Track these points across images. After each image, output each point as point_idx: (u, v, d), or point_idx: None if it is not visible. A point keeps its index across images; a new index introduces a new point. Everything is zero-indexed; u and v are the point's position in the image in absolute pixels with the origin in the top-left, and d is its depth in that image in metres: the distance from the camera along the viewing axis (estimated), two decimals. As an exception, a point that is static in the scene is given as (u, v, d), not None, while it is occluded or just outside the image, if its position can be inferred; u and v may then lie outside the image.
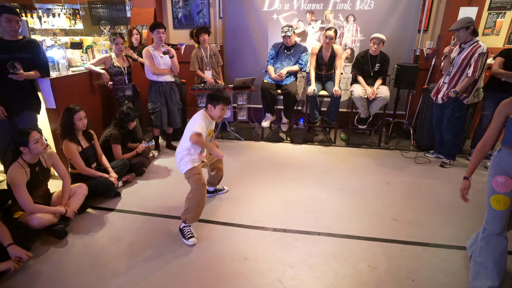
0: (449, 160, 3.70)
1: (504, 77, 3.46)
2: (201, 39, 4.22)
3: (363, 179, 3.40)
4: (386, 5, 4.33)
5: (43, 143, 2.39)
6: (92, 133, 3.08)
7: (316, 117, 4.38)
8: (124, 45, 3.72)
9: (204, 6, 4.94)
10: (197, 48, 4.35)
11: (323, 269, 2.14)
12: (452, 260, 2.23)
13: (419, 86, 4.50)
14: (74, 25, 5.94)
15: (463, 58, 3.29)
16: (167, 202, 2.96)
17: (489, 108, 3.67)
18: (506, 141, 1.77)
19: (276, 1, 4.57)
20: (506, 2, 4.14)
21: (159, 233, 2.51)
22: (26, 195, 2.30)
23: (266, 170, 3.60)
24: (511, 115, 1.74)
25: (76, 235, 2.49)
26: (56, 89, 3.11)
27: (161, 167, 3.68)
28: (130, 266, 2.16)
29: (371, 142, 4.52)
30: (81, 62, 3.91)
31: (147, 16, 4.86)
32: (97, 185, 2.90)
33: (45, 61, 3.01)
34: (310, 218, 2.70)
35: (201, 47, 4.32)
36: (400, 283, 2.03)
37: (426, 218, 2.71)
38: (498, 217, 1.81)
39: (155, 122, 3.85)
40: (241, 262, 2.20)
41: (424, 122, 4.11)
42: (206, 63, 4.37)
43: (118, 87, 3.76)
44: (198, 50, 4.33)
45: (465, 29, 3.22)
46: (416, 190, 3.18)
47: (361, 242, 2.41)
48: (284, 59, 4.29)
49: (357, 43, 4.57)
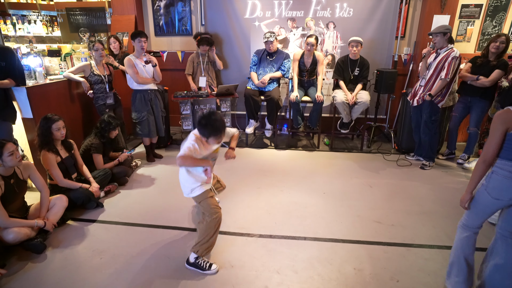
0: (429, 162, 3.81)
1: (468, 80, 3.67)
2: (201, 48, 4.35)
3: (347, 183, 3.45)
4: (364, 13, 4.46)
5: (18, 155, 2.30)
6: (72, 143, 3.00)
7: (299, 122, 4.43)
8: (104, 51, 3.66)
9: (186, 13, 4.93)
10: (195, 53, 4.44)
11: (309, 273, 2.15)
12: (433, 259, 2.29)
13: (398, 91, 4.64)
14: (51, 32, 5.78)
15: (438, 62, 3.44)
16: (151, 211, 2.90)
17: (457, 109, 3.90)
18: (504, 155, 1.70)
19: (257, 9, 4.62)
20: (474, 12, 4.37)
21: (143, 244, 2.45)
22: (0, 209, 2.20)
23: (250, 176, 3.60)
24: (509, 130, 1.66)
25: (56, 248, 2.40)
26: (32, 98, 3.02)
27: (145, 176, 3.61)
28: (114, 278, 2.10)
29: (353, 146, 4.60)
30: (60, 70, 3.81)
31: (127, 24, 4.81)
32: (78, 196, 2.81)
33: (20, 69, 2.92)
34: (295, 223, 2.72)
35: (199, 53, 4.39)
36: (385, 284, 2.06)
37: (408, 219, 2.78)
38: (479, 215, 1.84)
39: (143, 132, 3.77)
40: (227, 270, 2.18)
41: (404, 125, 4.23)
42: (201, 70, 4.44)
43: (99, 96, 3.69)
44: (195, 56, 4.40)
45: (442, 34, 3.37)
46: (398, 192, 3.25)
47: (346, 245, 2.44)
48: (266, 65, 4.33)
49: (337, 49, 4.67)
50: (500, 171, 1.70)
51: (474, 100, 3.71)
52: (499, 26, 4.39)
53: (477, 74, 3.58)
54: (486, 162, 1.72)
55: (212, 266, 2.15)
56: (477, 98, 3.67)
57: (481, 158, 1.74)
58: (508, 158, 1.67)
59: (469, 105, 3.78)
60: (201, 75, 4.42)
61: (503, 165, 1.69)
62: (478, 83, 3.57)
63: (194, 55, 4.45)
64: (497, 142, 1.68)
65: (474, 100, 3.71)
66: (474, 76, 3.60)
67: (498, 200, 1.72)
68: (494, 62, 3.50)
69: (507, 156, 1.67)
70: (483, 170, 1.74)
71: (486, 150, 1.72)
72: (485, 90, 3.59)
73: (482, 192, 1.78)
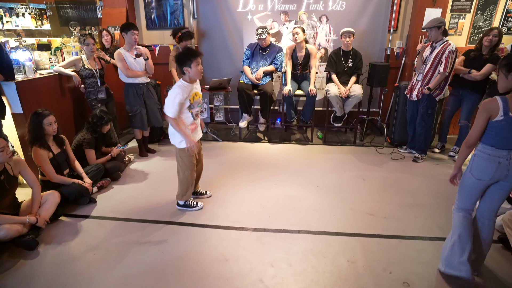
0: (421, 155, 3.85)
1: (460, 73, 3.70)
2: (183, 43, 4.19)
3: (340, 176, 3.47)
4: (357, 6, 4.45)
5: (8, 151, 2.27)
6: (63, 138, 2.96)
7: (293, 116, 4.43)
8: (95, 46, 3.60)
9: (178, 6, 4.87)
10: (176, 48, 4.32)
11: (303, 266, 2.16)
12: (425, 250, 2.32)
13: (391, 84, 4.66)
14: (40, 26, 5.67)
15: (435, 56, 3.46)
16: (144, 206, 2.89)
17: (448, 103, 3.95)
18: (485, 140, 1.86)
19: (250, 2, 4.58)
20: (465, 5, 4.40)
21: (137, 239, 2.44)
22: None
23: (244, 170, 3.60)
24: (493, 118, 1.79)
25: (48, 245, 2.38)
26: (22, 93, 2.97)
27: (138, 171, 3.59)
28: (108, 273, 2.10)
29: (347, 139, 4.62)
30: (50, 64, 3.74)
31: (118, 17, 4.73)
32: (70, 191, 2.79)
33: (9, 64, 2.86)
34: (289, 216, 2.73)
35: (179, 48, 4.28)
36: (378, 276, 2.09)
37: (400, 212, 2.81)
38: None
39: (137, 124, 3.75)
40: (221, 263, 2.19)
41: (396, 118, 4.26)
42: None
43: (90, 90, 3.64)
44: (177, 51, 4.27)
45: (437, 28, 3.39)
46: (391, 185, 3.29)
47: (339, 237, 2.46)
48: (259, 59, 4.30)
49: (330, 43, 4.66)
50: (480, 154, 1.89)
51: (466, 93, 3.74)
52: (490, 19, 4.42)
53: (470, 67, 3.61)
54: (468, 145, 1.91)
55: (199, 204, 2.79)
56: (469, 91, 3.70)
57: (465, 142, 1.93)
58: (487, 143, 1.85)
59: (461, 97, 3.82)
60: None
61: (483, 148, 1.88)
62: (470, 77, 3.61)
63: (175, 51, 4.26)
64: (481, 128, 1.85)
65: (465, 93, 3.75)
66: (466, 69, 3.63)
67: (480, 181, 1.91)
68: (486, 56, 3.53)
69: (486, 141, 1.86)
70: (466, 152, 1.95)
71: (470, 135, 1.89)
72: (477, 83, 3.62)
73: (467, 174, 1.97)
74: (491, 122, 1.81)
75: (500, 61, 1.82)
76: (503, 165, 1.82)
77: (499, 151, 1.81)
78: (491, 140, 1.83)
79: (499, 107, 1.76)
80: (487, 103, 1.81)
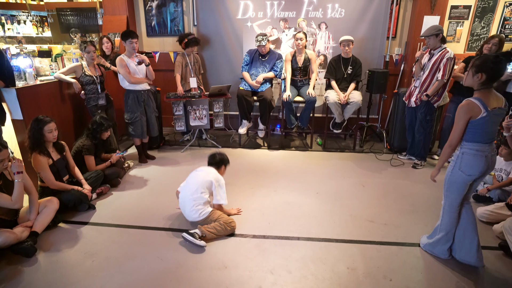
0: (420, 161, 3.85)
1: (460, 80, 3.70)
2: (189, 50, 4.29)
3: (340, 182, 3.47)
4: (355, 13, 4.49)
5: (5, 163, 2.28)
6: (63, 145, 2.96)
7: (293, 122, 4.43)
8: (96, 53, 3.63)
9: (178, 14, 4.92)
10: (182, 54, 4.36)
11: (302, 273, 2.15)
12: (426, 257, 2.31)
13: (390, 91, 4.68)
14: (41, 33, 5.71)
15: (433, 63, 3.48)
16: (144, 213, 2.88)
17: (450, 110, 3.94)
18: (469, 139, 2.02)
19: (249, 9, 4.63)
20: (463, 13, 4.44)
21: (136, 246, 2.43)
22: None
23: (244, 176, 3.59)
24: (475, 117, 1.94)
25: (47, 252, 2.37)
26: (22, 99, 2.98)
27: (137, 177, 3.58)
28: (106, 281, 2.08)
29: (346, 146, 4.63)
30: (50, 71, 3.76)
31: (119, 24, 4.77)
32: (69, 198, 2.78)
33: (9, 70, 2.88)
34: (288, 223, 2.72)
35: (185, 54, 4.34)
36: (378, 283, 2.08)
37: (400, 218, 2.80)
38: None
39: (136, 132, 3.74)
40: (221, 270, 2.17)
41: (395, 125, 4.27)
42: (190, 70, 4.38)
43: (90, 96, 3.65)
44: (182, 57, 4.34)
45: (435, 36, 3.42)
46: (391, 191, 3.28)
47: (339, 244, 2.45)
48: (259, 65, 4.33)
49: (329, 50, 4.70)
50: (469, 151, 2.03)
51: None
52: (487, 27, 4.46)
53: None
54: (452, 146, 2.07)
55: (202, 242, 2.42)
56: None
57: (448, 143, 2.08)
58: (473, 140, 2.00)
59: None
60: (191, 76, 4.38)
61: (471, 145, 2.02)
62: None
63: (181, 57, 4.35)
64: (462, 129, 2.00)
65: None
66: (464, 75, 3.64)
67: (470, 176, 2.05)
68: None
69: (472, 139, 2.01)
70: (449, 153, 2.11)
71: (452, 137, 2.04)
72: None
73: (456, 172, 2.09)
74: (474, 121, 1.95)
75: (474, 60, 1.98)
76: (488, 159, 2.01)
77: (484, 146, 1.99)
78: (477, 136, 1.98)
79: (479, 106, 1.93)
80: (466, 106, 1.96)
